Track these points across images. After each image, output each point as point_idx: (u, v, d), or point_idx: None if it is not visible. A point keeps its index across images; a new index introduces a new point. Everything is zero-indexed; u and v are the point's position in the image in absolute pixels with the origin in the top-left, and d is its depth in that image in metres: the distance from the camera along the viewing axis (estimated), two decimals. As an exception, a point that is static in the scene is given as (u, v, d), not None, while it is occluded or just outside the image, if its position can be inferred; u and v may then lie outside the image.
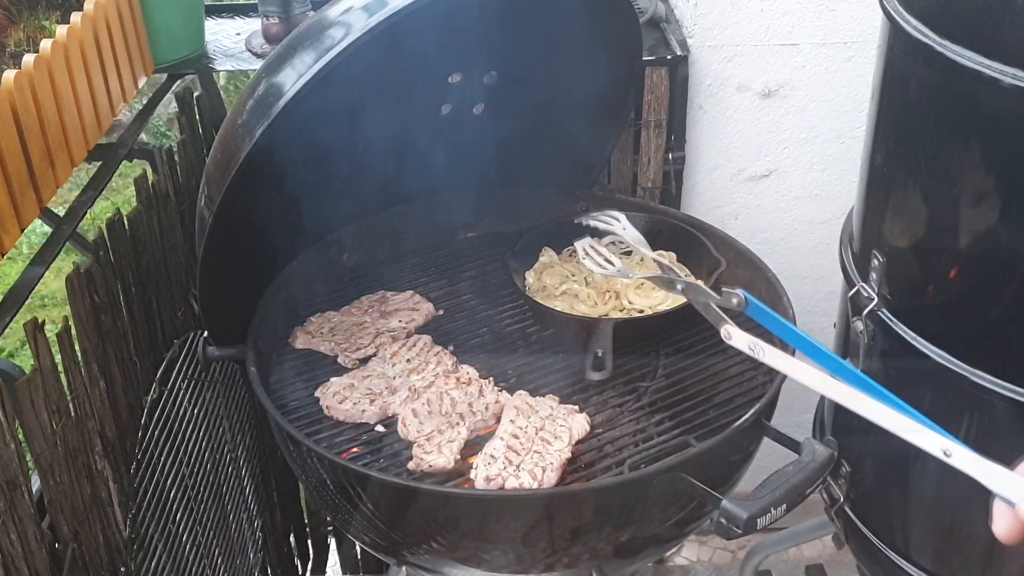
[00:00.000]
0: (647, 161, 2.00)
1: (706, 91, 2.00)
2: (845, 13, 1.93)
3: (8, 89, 1.34)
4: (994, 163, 1.11)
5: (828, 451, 1.27)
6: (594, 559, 1.32)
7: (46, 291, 3.63)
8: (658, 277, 1.19)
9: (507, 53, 1.55)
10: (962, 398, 1.24)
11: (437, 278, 1.70)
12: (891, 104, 1.26)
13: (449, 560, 1.32)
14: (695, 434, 1.33)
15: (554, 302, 1.58)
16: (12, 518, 1.05)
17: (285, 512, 2.12)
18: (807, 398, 1.84)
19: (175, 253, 1.56)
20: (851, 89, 2.00)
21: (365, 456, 1.33)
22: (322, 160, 1.53)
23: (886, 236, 1.30)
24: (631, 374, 1.46)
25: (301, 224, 1.62)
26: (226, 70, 1.92)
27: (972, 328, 1.22)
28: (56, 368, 1.13)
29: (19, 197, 1.36)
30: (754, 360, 1.50)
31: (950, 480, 1.33)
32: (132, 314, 1.39)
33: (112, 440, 1.29)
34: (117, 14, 1.69)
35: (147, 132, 2.81)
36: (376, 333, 1.53)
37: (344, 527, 1.43)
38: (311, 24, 1.31)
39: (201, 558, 1.59)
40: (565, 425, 1.33)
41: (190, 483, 1.54)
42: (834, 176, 2.10)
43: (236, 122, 1.30)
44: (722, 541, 1.17)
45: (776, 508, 1.18)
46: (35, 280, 1.34)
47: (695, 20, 1.94)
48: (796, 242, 2.19)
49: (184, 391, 1.53)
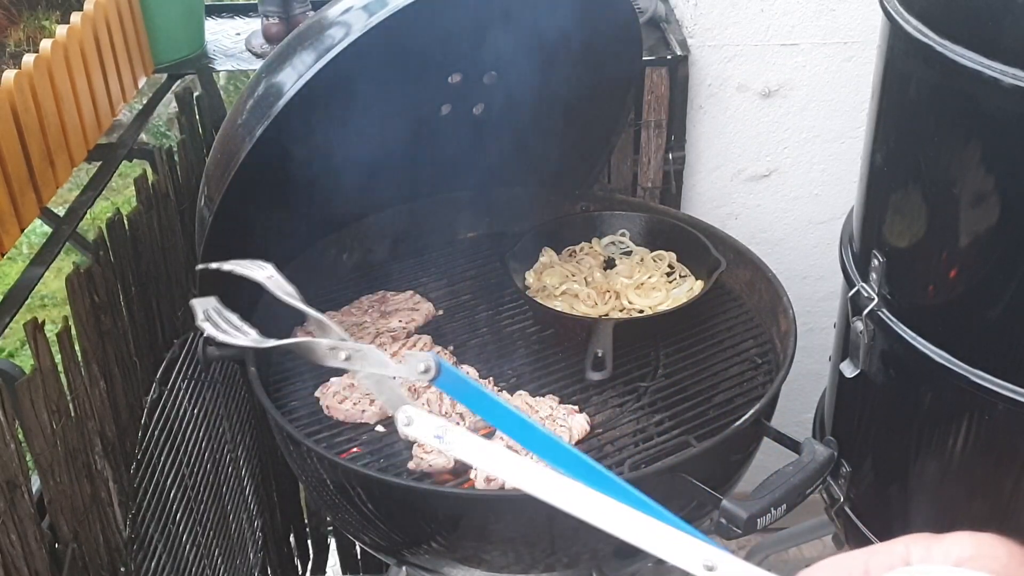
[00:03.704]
0: (647, 161, 2.00)
1: (706, 91, 2.00)
2: (845, 13, 1.92)
3: (8, 89, 1.34)
4: (994, 163, 1.11)
5: (828, 451, 1.27)
6: (594, 559, 1.32)
7: (46, 291, 3.62)
8: (309, 342, 0.80)
9: (507, 53, 1.55)
10: (962, 398, 1.23)
11: (437, 278, 1.70)
12: (891, 104, 1.26)
13: (449, 560, 1.32)
14: (695, 434, 1.33)
15: (554, 302, 1.58)
16: (12, 518, 1.05)
17: (285, 512, 2.11)
18: (807, 398, 1.85)
19: (175, 253, 1.56)
20: (851, 89, 2.00)
21: (365, 456, 1.33)
22: (322, 160, 1.53)
23: (886, 236, 1.30)
24: (631, 374, 1.46)
25: (301, 224, 1.62)
26: (226, 70, 1.91)
27: (972, 328, 1.22)
28: (56, 368, 1.13)
29: (19, 197, 1.36)
30: (754, 360, 1.52)
31: (950, 480, 1.33)
32: (132, 314, 1.39)
33: (112, 440, 1.29)
34: (117, 14, 1.69)
35: (147, 132, 2.81)
36: (376, 333, 1.53)
37: (344, 527, 1.43)
38: (311, 24, 1.31)
39: (201, 558, 1.59)
40: (565, 425, 1.33)
41: (190, 483, 1.54)
42: (834, 176, 2.10)
43: (236, 122, 1.30)
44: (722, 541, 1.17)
45: (776, 508, 1.18)
46: (35, 280, 1.34)
47: (695, 20, 1.94)
48: (796, 242, 2.19)
49: (184, 391, 1.53)
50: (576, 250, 1.73)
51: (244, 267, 1.01)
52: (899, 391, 1.35)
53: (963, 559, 0.53)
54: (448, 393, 0.73)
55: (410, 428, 0.69)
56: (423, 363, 0.69)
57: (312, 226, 1.67)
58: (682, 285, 1.61)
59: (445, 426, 0.68)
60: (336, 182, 1.59)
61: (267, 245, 1.52)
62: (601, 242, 1.73)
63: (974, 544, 0.53)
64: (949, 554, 0.53)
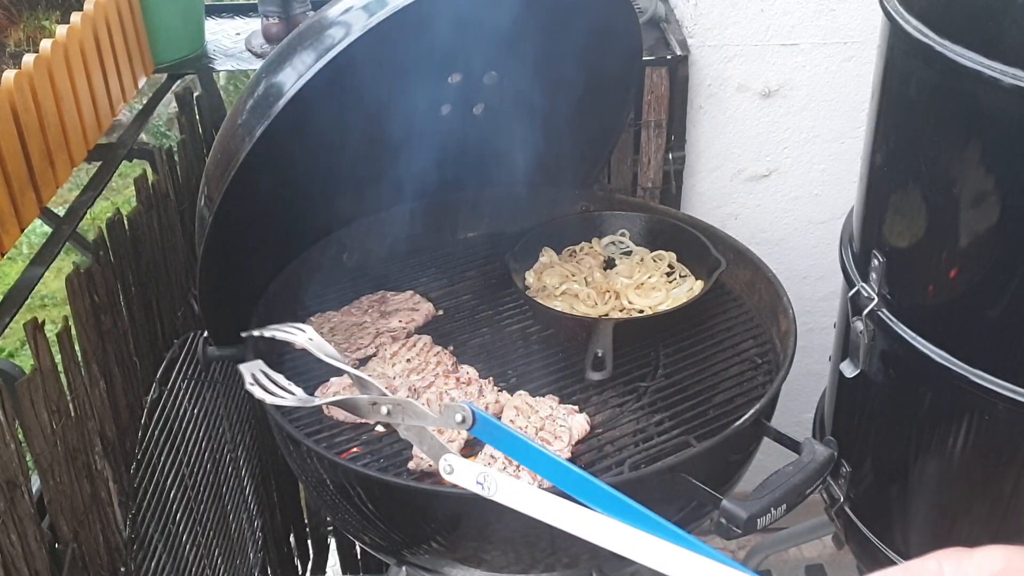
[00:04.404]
0: (647, 161, 2.00)
1: (706, 91, 2.00)
2: (845, 13, 1.93)
3: (8, 89, 1.34)
4: (994, 163, 1.11)
5: (828, 451, 1.27)
6: (594, 559, 1.32)
7: (46, 291, 3.62)
8: (352, 399, 0.85)
9: (507, 53, 1.55)
10: (962, 398, 1.24)
11: (437, 278, 1.70)
12: (891, 104, 1.26)
13: (449, 560, 1.32)
14: (695, 434, 1.33)
15: (554, 302, 1.58)
16: (12, 518, 1.05)
17: (285, 512, 2.11)
18: (807, 398, 1.84)
19: (175, 253, 1.56)
20: (851, 89, 2.00)
21: (365, 456, 1.33)
22: (322, 160, 1.54)
23: (886, 236, 1.30)
24: (631, 374, 1.46)
25: (301, 224, 1.62)
26: (226, 70, 1.91)
27: (972, 328, 1.22)
28: (56, 368, 1.13)
29: (19, 197, 1.36)
30: (754, 360, 1.52)
31: (950, 480, 1.33)
32: (132, 314, 1.39)
33: (112, 440, 1.29)
34: (117, 14, 1.69)
35: (147, 132, 2.81)
36: (376, 333, 1.53)
37: (344, 527, 1.43)
38: (311, 24, 1.31)
39: (201, 558, 1.59)
40: (565, 425, 1.33)
41: (190, 483, 1.54)
42: (834, 176, 2.10)
43: (236, 122, 1.30)
44: (722, 541, 1.17)
45: (776, 508, 1.18)
46: (35, 280, 1.34)
47: (695, 20, 1.94)
48: (796, 242, 2.19)
49: (184, 391, 1.53)
50: (576, 250, 1.73)
51: (286, 332, 1.11)
52: (899, 391, 1.35)
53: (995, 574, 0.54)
54: (485, 441, 0.76)
55: (453, 476, 0.73)
56: (460, 413, 0.73)
57: (312, 225, 1.67)
58: (682, 285, 1.61)
59: (486, 472, 0.70)
60: (336, 182, 1.59)
61: (267, 245, 1.53)
62: (601, 242, 1.73)
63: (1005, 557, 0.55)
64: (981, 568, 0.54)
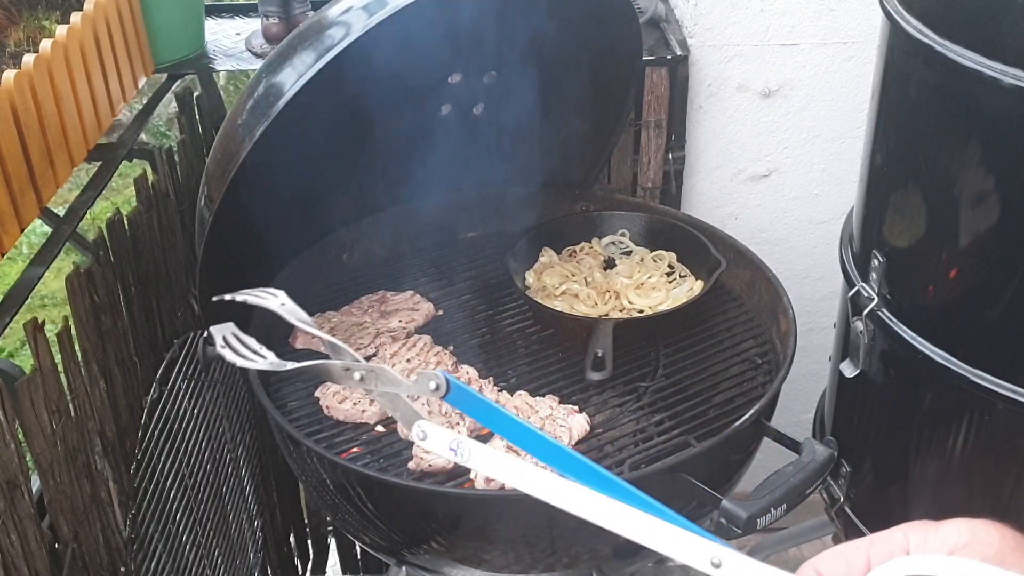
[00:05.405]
0: (647, 161, 2.00)
1: (706, 91, 2.00)
2: (845, 13, 1.93)
3: (8, 89, 1.34)
4: (994, 163, 1.11)
5: (828, 451, 1.27)
6: (594, 559, 1.32)
7: (46, 291, 3.62)
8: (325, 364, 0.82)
9: (507, 53, 1.55)
10: (962, 398, 1.24)
11: (437, 278, 1.70)
12: (891, 104, 1.26)
13: (449, 560, 1.32)
14: (695, 434, 1.33)
15: (554, 302, 1.58)
16: (12, 518, 1.05)
17: (285, 512, 2.11)
18: (807, 398, 1.84)
19: (175, 253, 1.56)
20: (851, 89, 2.00)
21: (365, 456, 1.33)
22: (322, 160, 1.54)
23: (886, 236, 1.30)
24: (631, 374, 1.46)
25: (301, 224, 1.62)
26: (226, 70, 1.91)
27: (972, 328, 1.22)
28: (56, 368, 1.13)
29: (19, 197, 1.36)
30: (754, 360, 1.52)
31: (950, 480, 1.33)
32: (132, 314, 1.39)
33: (112, 440, 1.29)
34: (117, 14, 1.69)
35: (147, 132, 2.81)
36: (376, 333, 1.53)
37: (344, 527, 1.43)
38: (311, 24, 1.31)
39: (201, 558, 1.59)
40: (565, 425, 1.33)
41: (190, 483, 1.54)
42: (834, 176, 2.10)
43: (236, 122, 1.30)
44: (722, 541, 1.17)
45: (776, 508, 1.18)
46: (35, 280, 1.34)
47: (695, 20, 1.94)
48: (796, 242, 2.19)
49: (184, 391, 1.53)
50: (576, 250, 1.73)
51: (256, 296, 1.05)
52: (899, 391, 1.35)
53: (959, 546, 0.56)
54: (458, 408, 0.76)
55: (425, 442, 0.72)
56: (433, 381, 0.72)
57: (312, 225, 1.67)
58: (682, 285, 1.61)
59: (458, 439, 0.71)
60: (336, 182, 1.59)
61: (268, 245, 1.53)
62: (601, 242, 1.74)
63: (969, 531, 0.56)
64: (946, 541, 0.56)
